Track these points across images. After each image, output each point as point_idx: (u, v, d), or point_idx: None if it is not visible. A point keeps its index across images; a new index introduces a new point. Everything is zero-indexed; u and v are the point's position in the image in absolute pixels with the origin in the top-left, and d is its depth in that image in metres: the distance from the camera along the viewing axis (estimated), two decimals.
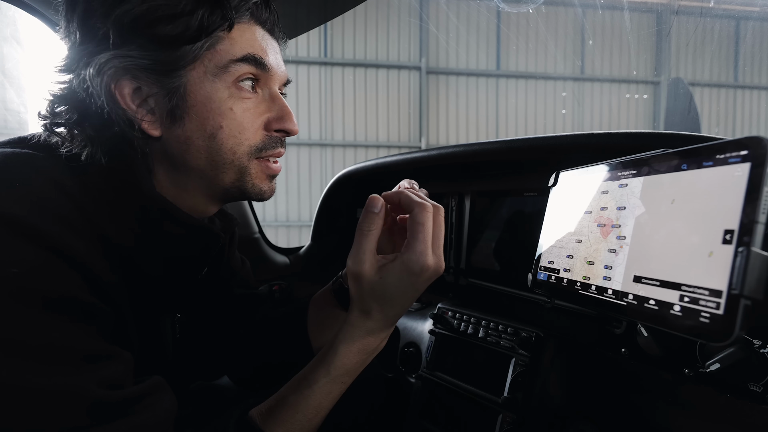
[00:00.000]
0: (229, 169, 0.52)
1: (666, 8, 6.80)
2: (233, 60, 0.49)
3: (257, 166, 0.54)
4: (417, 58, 7.07)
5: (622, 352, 0.61)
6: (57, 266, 0.39)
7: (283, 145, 0.57)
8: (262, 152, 0.54)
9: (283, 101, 0.55)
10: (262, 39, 0.53)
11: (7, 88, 2.54)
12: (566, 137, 0.76)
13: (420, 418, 0.81)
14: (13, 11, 0.83)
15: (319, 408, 0.51)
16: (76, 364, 0.38)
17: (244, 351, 0.74)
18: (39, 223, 0.38)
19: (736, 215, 0.36)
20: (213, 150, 0.50)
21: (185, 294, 0.62)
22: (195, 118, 0.49)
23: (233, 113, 0.50)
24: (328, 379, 0.51)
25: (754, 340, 0.46)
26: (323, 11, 0.92)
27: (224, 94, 0.49)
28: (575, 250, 0.55)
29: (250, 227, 1.34)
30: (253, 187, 0.55)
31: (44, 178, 0.43)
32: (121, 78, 0.46)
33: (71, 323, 0.38)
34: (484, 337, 0.77)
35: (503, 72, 7.27)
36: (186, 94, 0.48)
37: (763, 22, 6.94)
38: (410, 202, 0.50)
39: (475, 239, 0.96)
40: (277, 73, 0.55)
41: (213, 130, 0.50)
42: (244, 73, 0.50)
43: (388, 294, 0.50)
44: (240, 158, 0.52)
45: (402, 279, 0.49)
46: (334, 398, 0.53)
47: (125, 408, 0.39)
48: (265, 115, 0.54)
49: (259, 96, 0.53)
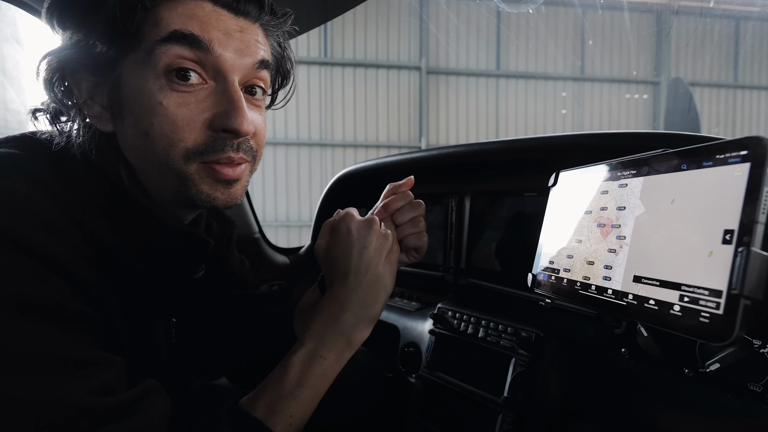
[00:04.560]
0: (167, 172, 0.45)
1: (666, 8, 6.80)
2: (157, 41, 0.42)
3: (200, 170, 0.46)
4: (417, 58, 7.07)
5: (622, 352, 0.60)
6: (42, 274, 0.37)
7: (239, 149, 0.47)
8: (204, 156, 0.45)
9: (234, 93, 0.45)
10: (206, 15, 0.43)
11: (7, 88, 2.53)
12: (566, 137, 0.76)
13: (420, 418, 0.81)
14: (13, 11, 0.83)
15: (299, 383, 0.49)
16: (63, 372, 0.36)
17: (241, 351, 0.74)
18: (23, 231, 0.37)
19: (736, 215, 0.36)
20: (147, 150, 0.44)
21: (179, 297, 0.60)
22: (129, 113, 0.44)
23: (164, 108, 0.43)
24: (303, 350, 0.51)
25: (754, 340, 0.46)
26: (323, 11, 0.92)
27: (154, 86, 0.43)
28: (575, 250, 0.55)
29: (250, 227, 1.34)
30: (198, 194, 0.47)
31: (29, 181, 0.41)
32: (74, 73, 0.45)
33: (58, 331, 0.37)
34: (484, 337, 0.77)
35: (503, 72, 7.27)
36: (120, 86, 0.44)
37: (763, 22, 6.94)
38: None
39: (475, 239, 0.96)
40: (229, 58, 0.45)
41: (145, 127, 0.43)
42: (176, 57, 0.42)
43: (336, 257, 0.55)
44: (175, 161, 0.44)
45: (339, 240, 0.55)
46: (315, 374, 0.51)
47: (118, 414, 0.38)
48: (211, 111, 0.45)
49: (206, 88, 0.45)
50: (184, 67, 0.43)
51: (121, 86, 0.44)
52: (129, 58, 0.43)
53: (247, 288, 0.78)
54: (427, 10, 7.15)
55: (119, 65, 0.44)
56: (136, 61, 0.43)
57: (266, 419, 0.46)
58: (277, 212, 6.83)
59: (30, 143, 0.45)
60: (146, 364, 0.53)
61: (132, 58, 0.43)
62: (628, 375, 0.60)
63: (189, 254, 0.54)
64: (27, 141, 0.46)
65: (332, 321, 0.53)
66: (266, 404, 0.48)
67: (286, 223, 6.84)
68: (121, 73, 0.44)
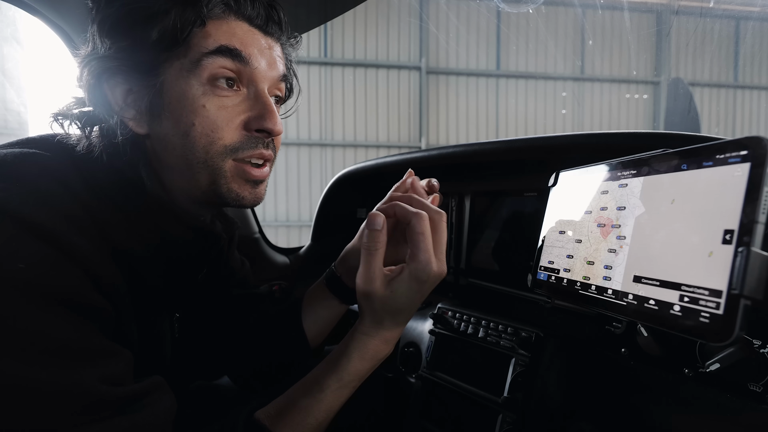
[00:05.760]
0: (202, 169, 0.50)
1: (666, 8, 6.81)
2: (205, 53, 0.48)
3: (233, 169, 0.51)
4: (417, 58, 7.07)
5: (622, 352, 0.60)
6: (62, 263, 0.39)
7: (268, 147, 0.53)
8: (239, 153, 0.51)
9: (266, 99, 0.52)
10: (244, 33, 0.51)
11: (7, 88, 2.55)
12: (566, 137, 0.76)
13: (420, 418, 0.81)
14: (13, 11, 0.83)
15: (328, 412, 0.52)
16: (77, 360, 0.38)
17: (242, 350, 0.74)
18: (45, 221, 0.39)
19: (736, 215, 0.36)
20: (187, 149, 0.49)
21: (185, 294, 0.62)
22: (170, 115, 0.49)
23: (206, 111, 0.48)
24: (340, 384, 0.53)
25: (754, 340, 0.46)
26: (323, 11, 0.92)
27: (198, 91, 0.48)
28: (575, 250, 0.55)
29: (250, 227, 1.34)
30: (228, 192, 0.51)
31: (51, 178, 0.43)
32: (110, 78, 0.48)
33: (74, 320, 0.39)
34: (484, 337, 0.77)
35: (503, 72, 7.27)
36: (163, 91, 0.48)
37: (763, 22, 6.94)
38: (406, 213, 0.51)
39: (475, 239, 0.96)
40: (262, 70, 0.52)
41: (186, 128, 0.48)
42: (219, 67, 0.48)
43: (399, 305, 0.52)
44: (213, 158, 0.49)
45: (411, 289, 0.51)
46: (341, 403, 0.54)
47: (125, 406, 0.39)
48: (246, 113, 0.51)
49: (241, 94, 0.51)
50: (227, 76, 0.49)
51: (163, 91, 0.48)
52: (174, 66, 0.48)
53: (248, 288, 0.79)
54: (427, 10, 7.16)
55: (163, 72, 0.48)
56: (181, 69, 0.48)
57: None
58: (277, 212, 6.83)
59: (51, 144, 0.49)
60: (152, 359, 0.54)
61: (177, 65, 0.48)
62: (628, 375, 0.60)
63: (200, 249, 0.56)
64: (48, 142, 0.49)
65: (373, 358, 0.55)
66: (291, 429, 0.50)
67: (286, 223, 6.84)
68: (164, 80, 0.48)
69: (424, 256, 0.49)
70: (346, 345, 0.55)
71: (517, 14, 7.23)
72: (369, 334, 0.54)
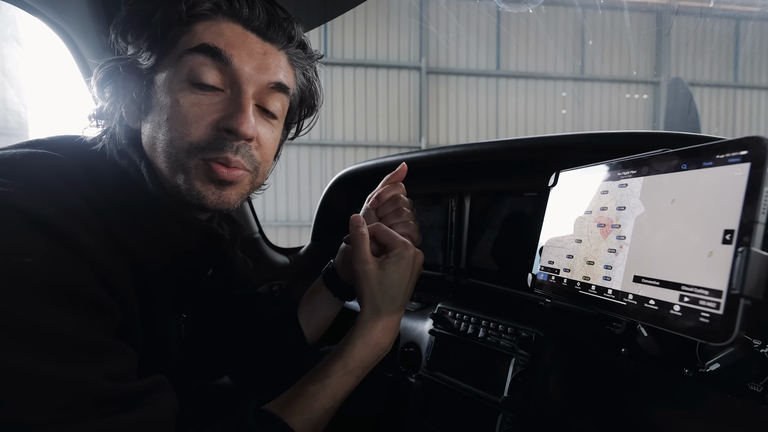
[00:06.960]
0: (172, 165, 0.50)
1: (666, 8, 6.81)
2: (187, 50, 0.49)
3: (198, 167, 0.50)
4: (417, 58, 7.07)
5: (622, 352, 0.60)
6: (69, 259, 0.39)
7: (237, 152, 0.50)
8: (205, 152, 0.49)
9: (242, 100, 0.50)
10: (235, 35, 0.50)
11: (7, 88, 2.55)
12: (566, 137, 0.76)
13: (420, 418, 0.81)
14: (13, 11, 0.83)
15: (334, 398, 0.55)
16: (82, 355, 0.38)
17: (244, 350, 0.75)
18: (53, 218, 0.39)
19: (736, 215, 0.36)
20: (159, 142, 0.50)
21: (191, 294, 0.62)
22: (154, 109, 0.50)
23: (179, 106, 0.49)
24: (345, 371, 0.56)
25: (754, 340, 0.46)
26: (323, 11, 0.92)
27: (176, 87, 0.49)
28: (575, 250, 0.55)
29: (250, 227, 1.34)
30: (190, 189, 0.50)
31: (58, 176, 0.44)
32: (113, 77, 0.51)
33: (80, 315, 0.39)
34: (484, 337, 0.77)
35: (503, 72, 7.27)
36: (152, 86, 0.51)
37: (763, 22, 6.94)
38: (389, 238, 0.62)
39: (475, 239, 0.96)
40: (246, 72, 0.50)
41: (161, 121, 0.49)
42: (198, 64, 0.49)
43: (392, 281, 0.59)
44: (178, 154, 0.49)
45: (399, 266, 0.60)
46: (347, 391, 0.57)
47: (128, 403, 0.40)
48: (220, 113, 0.50)
49: (222, 95, 0.50)
50: (206, 73, 0.49)
51: (152, 87, 0.51)
52: (163, 63, 0.50)
53: (251, 287, 0.80)
54: (427, 10, 7.16)
55: (155, 69, 0.50)
56: (167, 66, 0.50)
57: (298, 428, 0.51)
58: (277, 212, 6.83)
59: (60, 145, 0.50)
60: (156, 359, 0.54)
61: (165, 63, 0.50)
62: (628, 375, 0.60)
63: (205, 248, 0.57)
64: (56, 143, 0.51)
65: (375, 346, 0.59)
66: (298, 414, 0.52)
67: (286, 223, 6.84)
68: (154, 77, 0.51)
69: (400, 242, 0.61)
70: (350, 334, 0.59)
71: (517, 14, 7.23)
72: (368, 320, 0.59)
